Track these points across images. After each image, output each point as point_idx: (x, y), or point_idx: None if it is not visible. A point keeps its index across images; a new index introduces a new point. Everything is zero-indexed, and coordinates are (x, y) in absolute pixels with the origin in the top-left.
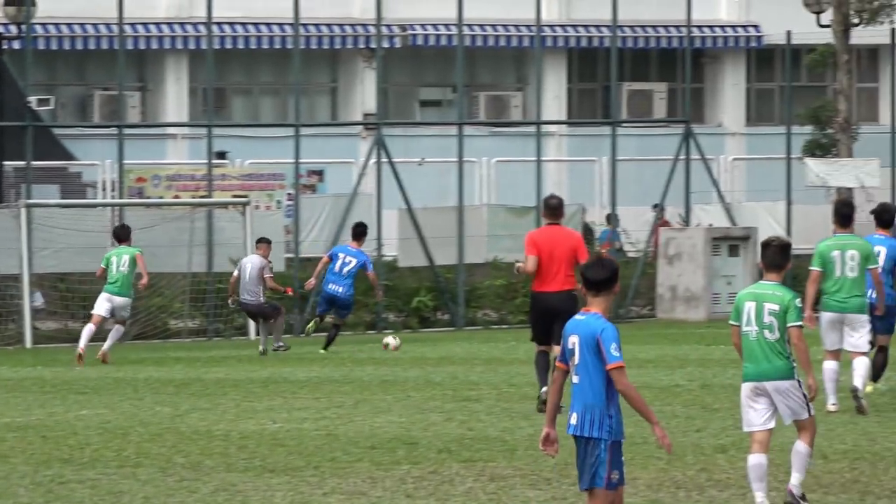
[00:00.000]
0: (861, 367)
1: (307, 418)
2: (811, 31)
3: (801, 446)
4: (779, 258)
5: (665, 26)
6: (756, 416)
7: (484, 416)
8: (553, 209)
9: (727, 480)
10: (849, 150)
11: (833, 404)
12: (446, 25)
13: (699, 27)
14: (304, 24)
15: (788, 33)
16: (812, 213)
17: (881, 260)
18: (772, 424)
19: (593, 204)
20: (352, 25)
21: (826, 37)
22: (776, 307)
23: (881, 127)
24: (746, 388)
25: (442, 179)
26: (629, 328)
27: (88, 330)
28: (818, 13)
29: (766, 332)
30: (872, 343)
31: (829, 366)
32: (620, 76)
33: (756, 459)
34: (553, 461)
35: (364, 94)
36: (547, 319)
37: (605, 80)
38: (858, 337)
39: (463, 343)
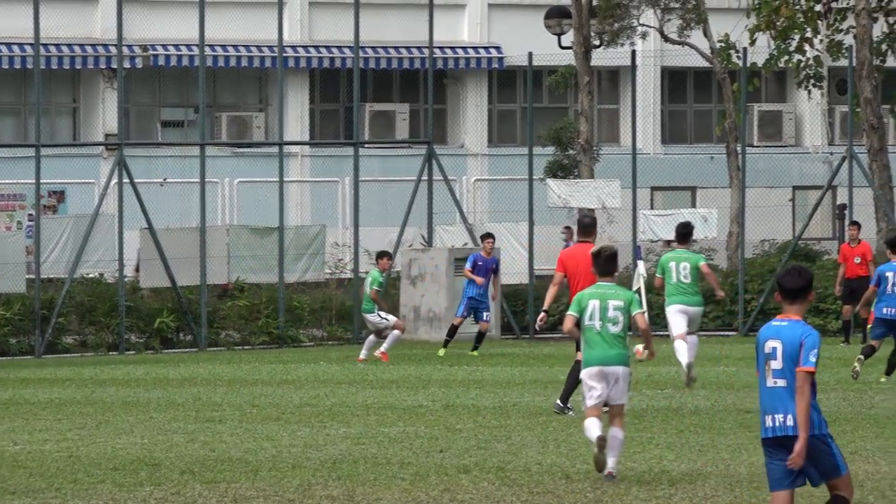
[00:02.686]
0: (693, 345)
1: (49, 440)
2: (553, 52)
3: (617, 432)
4: (610, 265)
5: (407, 47)
6: (594, 398)
7: (227, 437)
8: (585, 227)
9: (470, 501)
10: (590, 171)
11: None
12: (188, 45)
13: (441, 48)
14: (45, 44)
15: (530, 55)
16: (554, 233)
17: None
18: (602, 402)
19: (336, 225)
20: (93, 45)
21: (567, 58)
22: (620, 303)
23: (622, 148)
24: (591, 370)
25: (184, 200)
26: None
27: None
28: (559, 35)
29: (611, 325)
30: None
31: (681, 345)
32: (363, 97)
33: (592, 421)
34: (297, 482)
35: (105, 114)
36: None
37: (347, 101)
38: (693, 324)
39: (206, 364)
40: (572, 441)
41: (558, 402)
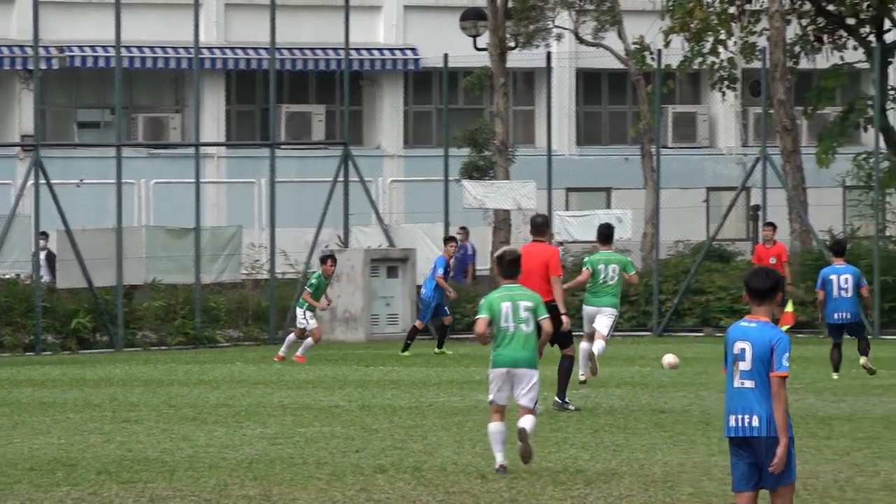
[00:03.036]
0: (599, 345)
1: None
2: (468, 54)
3: (527, 422)
4: (514, 268)
5: (323, 49)
6: (501, 394)
7: (143, 438)
8: (538, 227)
9: (386, 500)
10: (506, 172)
11: (581, 374)
12: (104, 47)
13: (357, 50)
14: None
15: (445, 56)
16: (472, 234)
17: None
18: (507, 402)
19: (252, 226)
20: (9, 46)
21: (483, 60)
22: (530, 304)
23: (537, 149)
24: (500, 371)
25: (100, 201)
26: (288, 350)
27: None
28: (475, 37)
29: (523, 326)
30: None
31: (585, 345)
32: (279, 98)
33: (497, 427)
34: (213, 482)
35: (22, 115)
36: None
37: (263, 102)
38: (604, 324)
39: (122, 364)
40: (487, 441)
41: (556, 399)
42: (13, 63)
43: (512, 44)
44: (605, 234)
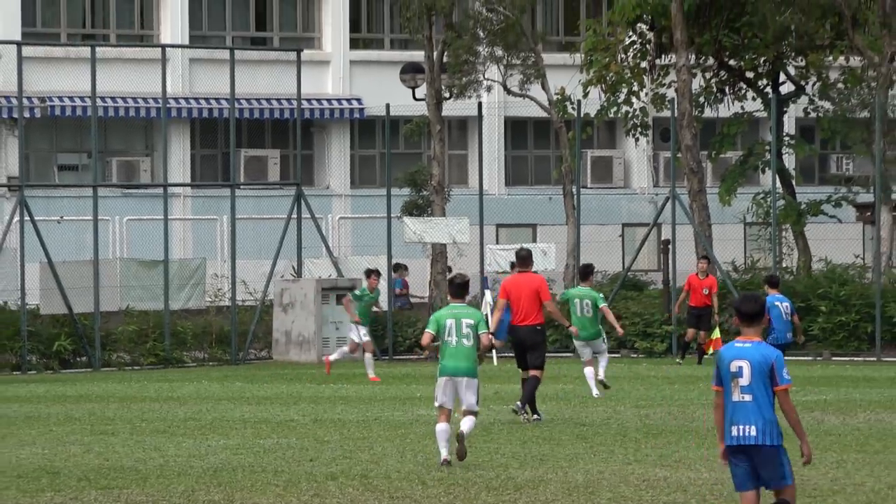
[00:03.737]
0: (602, 365)
1: None
2: (408, 103)
3: (466, 425)
4: (462, 290)
5: (278, 99)
6: (446, 398)
7: (119, 448)
8: (523, 259)
9: None
10: (442, 209)
11: (596, 394)
12: (81, 97)
13: (308, 100)
14: None
15: (387, 106)
16: (411, 265)
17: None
18: (452, 405)
19: (215, 258)
20: None
21: (421, 109)
22: (472, 321)
23: (470, 189)
24: (444, 379)
25: (79, 236)
26: (248, 369)
27: None
28: (414, 88)
29: (465, 340)
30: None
31: (589, 371)
32: (238, 143)
33: (442, 427)
34: (182, 488)
35: (7, 158)
36: (519, 348)
37: (224, 147)
38: (600, 348)
39: (100, 383)
40: (428, 451)
41: (517, 403)
42: None
43: (447, 94)
44: (584, 272)
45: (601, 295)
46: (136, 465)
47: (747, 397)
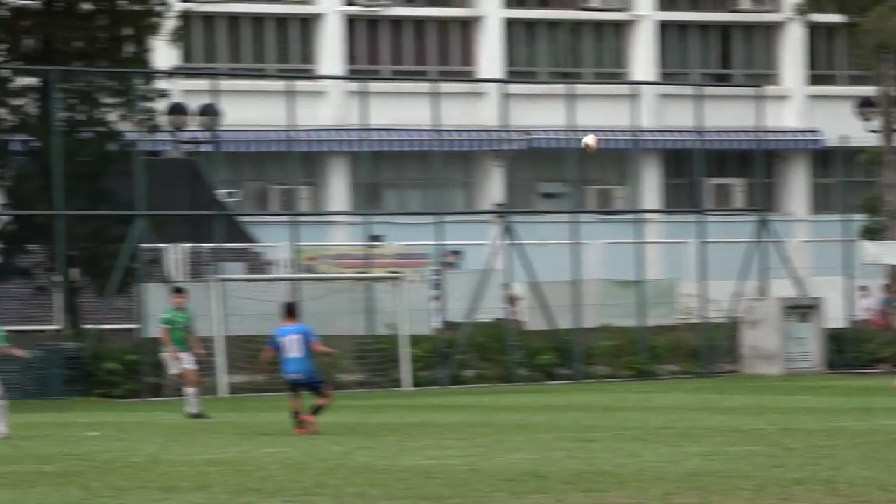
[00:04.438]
0: None
1: (454, 455)
2: (862, 135)
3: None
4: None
5: (742, 131)
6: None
7: (600, 454)
8: None
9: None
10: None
11: None
12: (561, 131)
13: (769, 132)
14: (442, 130)
15: (844, 137)
16: (870, 286)
17: None
18: None
19: (686, 278)
20: (480, 131)
21: (875, 139)
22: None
23: None
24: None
25: (560, 258)
26: (718, 381)
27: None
28: (867, 120)
29: None
30: None
31: None
32: (706, 173)
33: None
34: (659, 492)
35: (492, 187)
36: None
37: (692, 176)
38: None
39: (581, 393)
40: (889, 458)
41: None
42: (484, 145)
43: None
44: None
45: None
46: (615, 469)
47: None
